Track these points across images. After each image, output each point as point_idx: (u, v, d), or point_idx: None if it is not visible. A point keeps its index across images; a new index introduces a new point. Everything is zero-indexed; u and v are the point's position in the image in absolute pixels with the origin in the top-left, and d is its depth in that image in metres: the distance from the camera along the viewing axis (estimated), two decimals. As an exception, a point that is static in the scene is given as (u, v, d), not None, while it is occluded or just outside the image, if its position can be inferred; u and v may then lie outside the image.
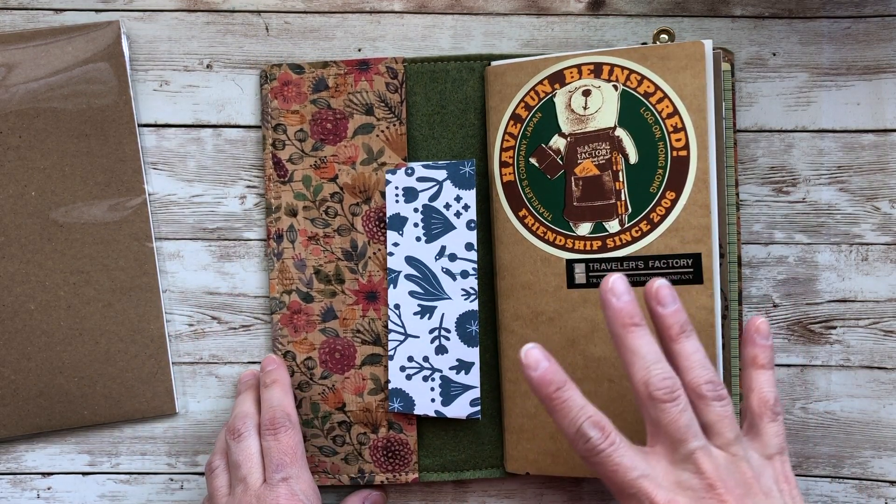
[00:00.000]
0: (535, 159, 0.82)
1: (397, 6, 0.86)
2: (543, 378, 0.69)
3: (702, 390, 0.69)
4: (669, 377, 0.68)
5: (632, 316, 0.70)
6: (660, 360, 0.69)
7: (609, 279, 0.70)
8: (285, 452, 0.77)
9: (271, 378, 0.83)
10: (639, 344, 0.69)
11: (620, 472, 0.67)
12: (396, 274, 0.84)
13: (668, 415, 0.67)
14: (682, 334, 0.71)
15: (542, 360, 0.69)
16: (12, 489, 0.87)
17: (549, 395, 0.69)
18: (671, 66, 0.79)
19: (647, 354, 0.69)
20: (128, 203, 0.85)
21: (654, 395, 0.68)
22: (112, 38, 0.84)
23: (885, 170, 0.85)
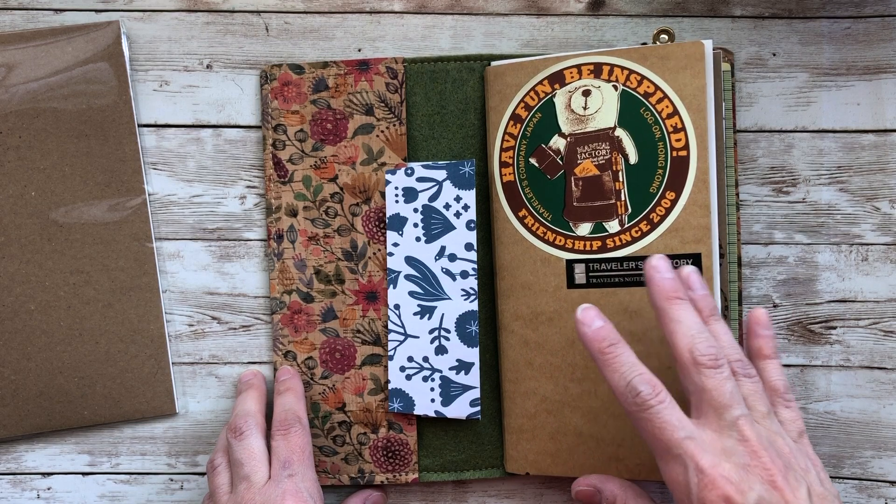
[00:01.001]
0: (535, 159, 0.82)
1: (397, 6, 0.86)
2: (597, 334, 0.71)
3: (734, 367, 0.70)
4: (714, 345, 0.69)
5: (676, 290, 0.71)
6: (704, 330, 0.70)
7: (653, 258, 0.72)
8: (293, 451, 0.77)
9: (286, 386, 0.83)
10: (684, 315, 0.70)
11: (668, 429, 0.67)
12: (396, 274, 0.84)
13: (714, 380, 0.67)
14: (712, 316, 0.73)
15: (597, 319, 0.71)
16: (12, 489, 0.87)
17: (602, 349, 0.70)
18: (671, 66, 0.79)
19: (692, 324, 0.70)
20: (128, 203, 0.85)
21: (700, 360, 0.68)
22: (112, 38, 0.84)
23: (885, 170, 0.85)
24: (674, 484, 0.67)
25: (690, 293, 0.73)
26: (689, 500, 0.66)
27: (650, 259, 0.72)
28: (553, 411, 0.82)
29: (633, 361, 0.70)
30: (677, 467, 0.66)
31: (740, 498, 0.64)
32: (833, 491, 0.68)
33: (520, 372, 0.83)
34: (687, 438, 0.66)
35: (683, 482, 0.66)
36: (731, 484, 0.64)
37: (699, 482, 0.65)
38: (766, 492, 0.64)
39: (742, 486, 0.64)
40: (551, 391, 0.82)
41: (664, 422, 0.67)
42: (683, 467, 0.66)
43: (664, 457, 0.67)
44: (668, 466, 0.67)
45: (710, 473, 0.64)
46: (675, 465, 0.67)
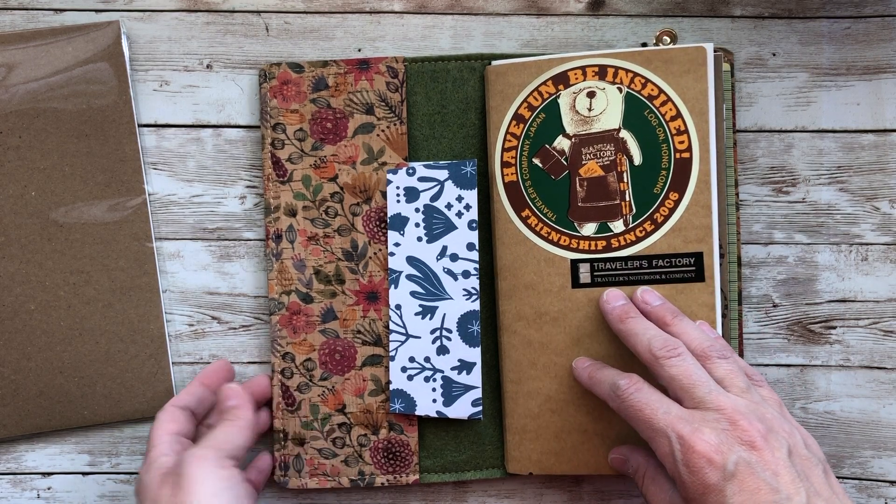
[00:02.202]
0: (539, 160, 0.82)
1: (397, 6, 0.86)
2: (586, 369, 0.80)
3: (707, 351, 0.73)
4: (669, 339, 0.74)
5: (626, 311, 0.78)
6: (659, 331, 0.75)
7: (604, 294, 0.80)
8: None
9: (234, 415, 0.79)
10: (638, 326, 0.76)
11: (648, 408, 0.71)
12: (398, 274, 0.84)
13: (677, 367, 0.71)
14: (675, 318, 0.77)
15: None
16: (12, 489, 0.87)
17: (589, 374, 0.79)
18: (674, 69, 0.79)
19: (646, 329, 0.75)
20: (128, 203, 0.85)
21: (658, 353, 0.73)
22: (112, 38, 0.84)
23: (885, 170, 0.86)
24: (663, 457, 0.70)
25: (649, 307, 0.78)
26: (677, 467, 0.68)
27: (602, 295, 0.80)
28: (557, 410, 0.82)
29: (614, 371, 0.77)
30: (661, 440, 0.69)
31: (720, 458, 0.66)
32: (820, 456, 0.70)
33: (522, 372, 0.83)
34: (666, 413, 0.70)
35: (669, 452, 0.69)
36: (710, 446, 0.67)
37: (682, 448, 0.68)
38: (745, 452, 0.67)
39: (722, 448, 0.67)
40: (556, 390, 0.82)
41: (643, 402, 0.71)
42: (666, 438, 0.69)
43: (649, 435, 0.71)
44: (654, 444, 0.71)
45: (690, 439, 0.67)
46: (659, 440, 0.70)
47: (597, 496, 0.88)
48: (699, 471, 0.67)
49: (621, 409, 0.73)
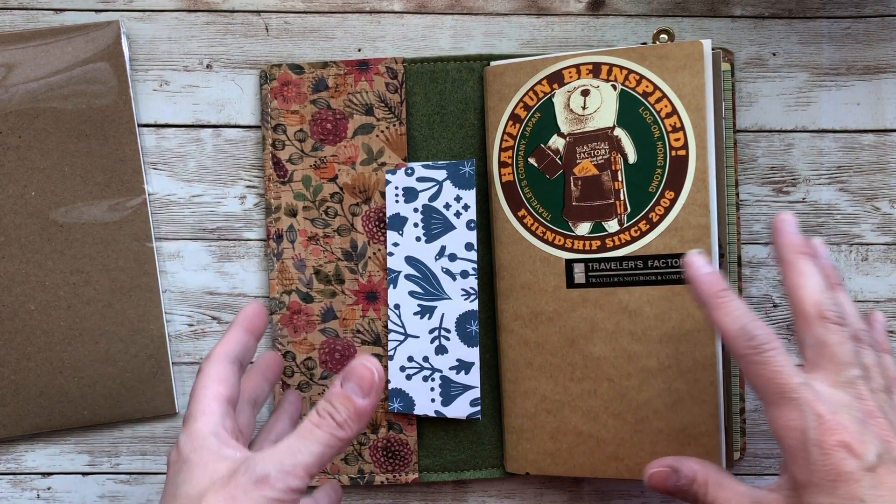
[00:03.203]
0: (534, 159, 0.82)
1: (397, 6, 0.87)
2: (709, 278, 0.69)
3: (860, 335, 0.68)
4: (841, 305, 0.68)
5: (805, 246, 0.70)
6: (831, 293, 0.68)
7: (781, 214, 0.72)
8: None
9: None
10: (813, 271, 0.69)
11: (784, 374, 0.64)
12: (396, 274, 0.84)
13: (838, 336, 0.66)
14: (839, 285, 0.72)
15: (706, 266, 0.69)
16: (12, 489, 0.87)
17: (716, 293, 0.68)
18: (670, 65, 0.79)
19: (820, 282, 0.68)
20: (128, 203, 0.85)
21: (826, 314, 0.66)
22: (112, 38, 0.84)
23: (885, 170, 0.85)
24: (785, 430, 0.64)
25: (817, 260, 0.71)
26: (805, 445, 0.63)
27: (779, 215, 0.72)
28: (553, 411, 0.82)
29: (746, 308, 0.67)
30: (792, 412, 0.63)
31: (861, 448, 0.61)
32: None
33: (519, 372, 0.83)
34: (804, 385, 0.63)
35: (799, 427, 0.63)
36: (849, 433, 0.62)
37: (818, 426, 0.62)
38: (885, 449, 0.62)
39: (862, 437, 0.62)
40: (551, 391, 0.82)
41: (781, 365, 0.64)
42: (799, 412, 0.63)
43: (777, 401, 0.64)
44: (780, 411, 0.64)
45: (830, 419, 0.62)
46: (788, 410, 0.63)
47: (597, 496, 0.88)
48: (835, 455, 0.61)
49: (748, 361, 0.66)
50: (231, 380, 0.69)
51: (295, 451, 0.62)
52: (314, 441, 0.63)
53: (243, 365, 0.72)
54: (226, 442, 0.65)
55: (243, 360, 0.72)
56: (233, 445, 0.65)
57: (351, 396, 0.64)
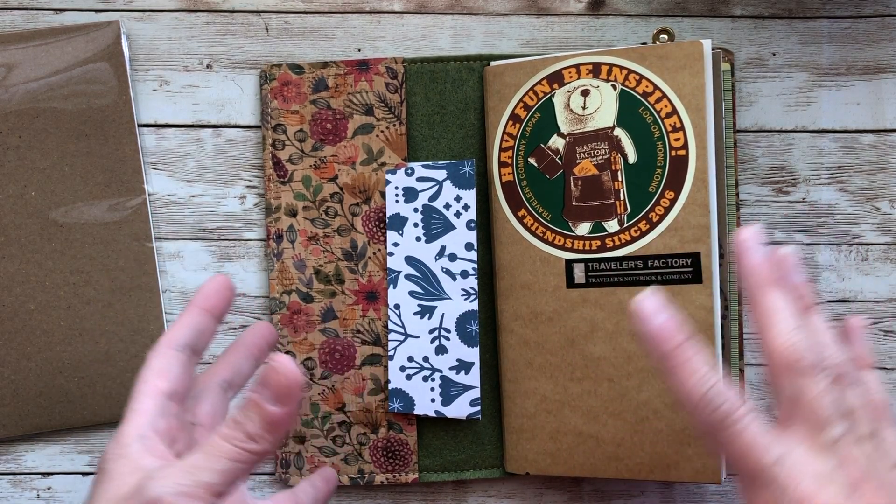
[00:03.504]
0: (534, 159, 0.82)
1: (397, 6, 0.87)
2: (664, 330, 0.61)
3: (840, 372, 0.60)
4: (815, 347, 0.60)
5: (771, 275, 0.63)
6: (803, 328, 0.61)
7: (743, 230, 0.64)
8: None
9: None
10: (781, 305, 0.62)
11: (755, 453, 0.57)
12: (396, 274, 0.84)
13: (813, 390, 0.58)
14: (811, 308, 0.63)
15: (661, 312, 0.61)
16: (12, 489, 0.87)
17: (671, 349, 0.60)
18: (669, 65, 0.79)
19: (789, 319, 0.61)
20: (128, 203, 0.85)
21: (801, 362, 0.59)
22: (112, 38, 0.84)
23: (885, 170, 0.85)
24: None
25: (786, 278, 0.63)
26: None
27: (740, 232, 0.64)
28: (553, 411, 0.82)
29: (708, 365, 0.60)
30: (766, 495, 0.57)
31: None
32: None
33: (519, 372, 0.83)
34: (777, 464, 0.57)
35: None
36: None
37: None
38: None
39: None
40: (551, 391, 0.82)
41: (749, 444, 0.58)
42: (775, 495, 0.56)
43: (750, 484, 0.58)
44: (754, 494, 0.58)
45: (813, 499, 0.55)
46: (763, 493, 0.57)
47: (597, 496, 0.88)
48: None
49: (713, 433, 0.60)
50: (174, 371, 0.62)
51: (197, 468, 0.55)
52: (220, 456, 0.56)
53: (198, 351, 0.65)
54: (151, 448, 0.58)
55: (197, 346, 0.65)
56: (157, 452, 0.58)
57: (262, 404, 0.56)
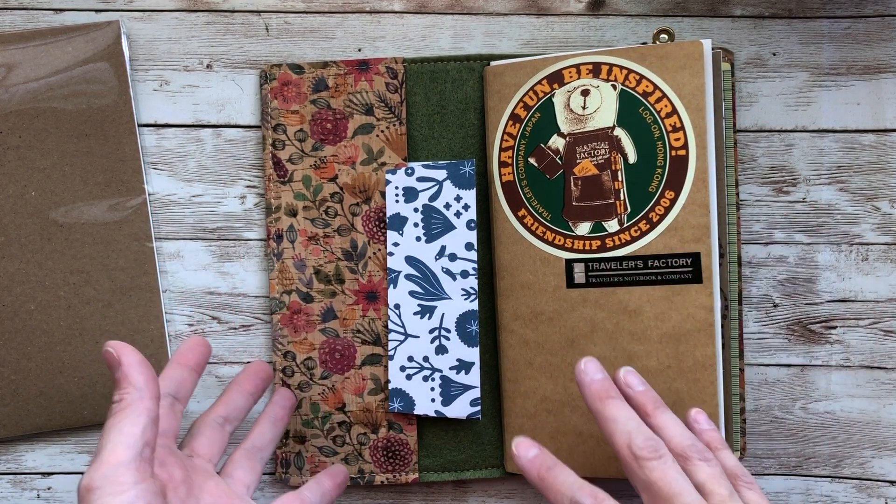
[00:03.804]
0: (534, 159, 0.82)
1: (397, 6, 0.87)
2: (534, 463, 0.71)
3: (687, 452, 0.69)
4: (652, 437, 0.68)
5: (607, 390, 0.71)
6: (640, 424, 0.69)
7: (580, 362, 0.72)
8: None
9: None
10: (618, 412, 0.69)
11: None
12: (396, 274, 0.84)
13: (657, 471, 0.66)
14: (657, 409, 0.72)
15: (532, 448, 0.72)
16: (12, 489, 0.87)
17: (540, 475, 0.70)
18: (670, 65, 0.79)
19: (627, 420, 0.69)
20: (128, 203, 0.85)
21: (639, 454, 0.67)
22: (112, 38, 0.84)
23: (885, 170, 0.85)
24: None
25: (631, 391, 0.73)
26: None
27: (578, 364, 0.72)
28: (553, 411, 0.82)
29: (573, 480, 0.68)
30: None
31: None
32: None
33: (519, 372, 0.83)
34: None
35: None
36: None
37: None
38: None
39: None
40: (551, 391, 0.82)
41: None
42: None
43: None
44: None
45: None
46: None
47: (597, 496, 0.88)
48: None
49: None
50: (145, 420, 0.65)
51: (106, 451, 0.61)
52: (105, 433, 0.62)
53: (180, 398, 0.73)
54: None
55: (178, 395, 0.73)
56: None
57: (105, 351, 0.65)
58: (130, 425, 0.61)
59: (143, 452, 0.61)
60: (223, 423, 0.76)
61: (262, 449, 0.78)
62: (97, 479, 0.59)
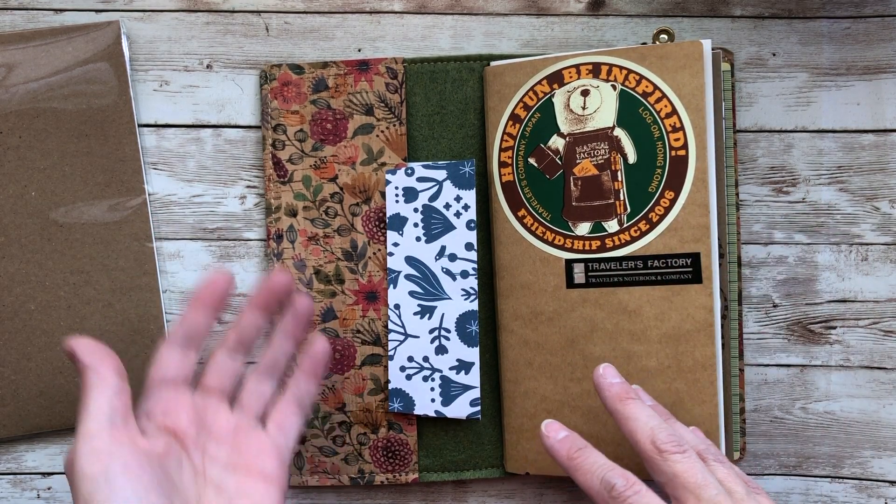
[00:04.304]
0: (534, 159, 0.82)
1: (397, 6, 0.87)
2: (563, 443, 0.72)
3: (704, 454, 0.70)
4: (674, 433, 0.69)
5: (627, 392, 0.72)
6: (661, 421, 0.70)
7: (599, 368, 0.74)
8: None
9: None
10: (639, 412, 0.71)
11: None
12: (396, 274, 0.84)
13: (683, 464, 0.67)
14: (669, 419, 0.75)
15: (561, 430, 0.73)
16: (12, 489, 0.87)
17: (570, 455, 0.71)
18: (669, 65, 0.79)
19: (648, 418, 0.70)
20: (128, 203, 0.85)
21: (664, 447, 0.68)
22: (112, 38, 0.84)
23: (885, 170, 0.85)
24: None
25: (639, 396, 0.75)
26: None
27: (597, 369, 0.74)
28: (553, 411, 0.82)
29: (603, 461, 0.70)
30: None
31: None
32: None
33: (519, 372, 0.83)
34: None
35: None
36: None
37: None
38: None
39: None
40: (551, 391, 0.82)
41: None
42: None
43: None
44: None
45: None
46: None
47: (597, 496, 0.88)
48: None
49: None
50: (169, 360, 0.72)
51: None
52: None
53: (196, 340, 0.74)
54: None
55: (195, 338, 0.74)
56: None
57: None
58: (94, 401, 0.64)
59: (114, 422, 0.64)
60: (233, 350, 0.75)
61: (273, 367, 0.76)
62: (74, 452, 0.62)
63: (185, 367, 0.72)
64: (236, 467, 0.70)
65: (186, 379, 0.72)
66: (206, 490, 0.69)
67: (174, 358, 0.72)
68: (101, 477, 0.61)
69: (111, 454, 0.62)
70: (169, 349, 0.72)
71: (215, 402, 0.73)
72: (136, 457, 0.63)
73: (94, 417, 0.63)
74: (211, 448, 0.71)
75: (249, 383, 0.75)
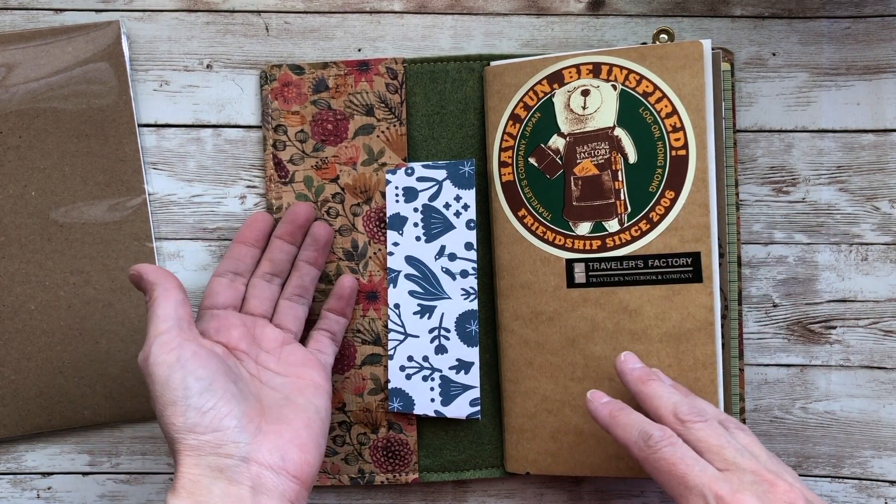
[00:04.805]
0: (534, 159, 0.82)
1: (397, 6, 0.87)
2: (606, 406, 0.74)
3: (725, 423, 0.72)
4: (695, 406, 0.72)
5: (648, 374, 0.75)
6: (682, 397, 0.73)
7: (621, 355, 0.77)
8: None
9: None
10: (660, 390, 0.73)
11: (683, 464, 0.67)
12: (396, 274, 0.84)
13: (704, 430, 0.69)
14: (689, 395, 0.76)
15: (604, 397, 0.75)
16: (12, 489, 0.87)
17: (612, 413, 0.73)
18: (670, 65, 0.79)
19: (670, 394, 0.73)
20: (128, 203, 0.85)
21: (686, 418, 0.70)
22: (112, 38, 0.84)
23: (885, 170, 0.85)
24: None
25: (659, 376, 0.76)
26: None
27: (619, 357, 0.77)
28: (553, 411, 0.82)
29: (643, 418, 0.71)
30: (697, 499, 0.65)
31: None
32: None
33: (520, 371, 0.83)
34: (702, 471, 0.66)
35: None
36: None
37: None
38: None
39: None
40: (552, 390, 0.82)
41: (679, 457, 0.67)
42: (703, 498, 0.65)
43: (682, 493, 0.66)
44: (687, 500, 0.66)
45: (731, 500, 0.64)
46: (694, 498, 0.65)
47: (597, 496, 0.88)
48: None
49: (650, 461, 0.68)
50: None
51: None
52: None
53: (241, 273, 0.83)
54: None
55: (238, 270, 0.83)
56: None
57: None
58: (162, 308, 0.73)
59: (180, 325, 0.73)
60: (270, 277, 0.83)
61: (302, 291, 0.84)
62: (148, 348, 0.71)
63: (232, 295, 0.81)
64: (287, 374, 0.79)
65: (235, 305, 0.82)
66: (263, 389, 0.77)
67: (223, 286, 0.81)
68: (176, 362, 0.70)
69: (181, 345, 0.71)
70: (218, 280, 0.81)
71: (261, 322, 0.82)
72: (203, 350, 0.72)
73: (164, 320, 0.72)
74: (262, 358, 0.80)
75: (283, 307, 0.83)
